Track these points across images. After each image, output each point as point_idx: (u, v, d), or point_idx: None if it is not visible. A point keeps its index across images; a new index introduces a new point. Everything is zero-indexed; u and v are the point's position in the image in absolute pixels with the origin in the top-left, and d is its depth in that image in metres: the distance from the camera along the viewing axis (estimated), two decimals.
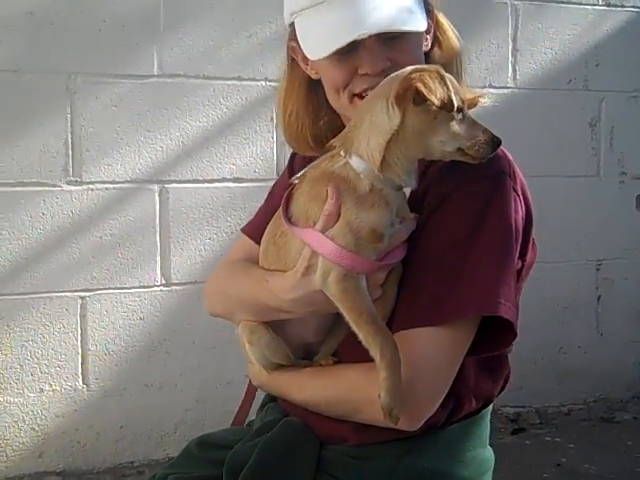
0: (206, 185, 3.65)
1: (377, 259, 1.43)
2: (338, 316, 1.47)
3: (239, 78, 3.68)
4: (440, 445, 1.56)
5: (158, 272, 3.61)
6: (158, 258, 3.61)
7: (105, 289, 3.54)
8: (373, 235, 1.41)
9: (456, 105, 1.40)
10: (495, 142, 1.42)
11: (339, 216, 1.42)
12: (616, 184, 4.48)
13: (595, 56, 4.36)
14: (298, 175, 1.55)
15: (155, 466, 3.58)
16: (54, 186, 3.44)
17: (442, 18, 1.68)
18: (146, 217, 3.58)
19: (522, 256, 1.56)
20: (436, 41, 1.66)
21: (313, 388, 1.58)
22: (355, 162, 1.44)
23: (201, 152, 3.64)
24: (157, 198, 3.60)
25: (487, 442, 1.67)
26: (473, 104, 1.66)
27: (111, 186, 3.52)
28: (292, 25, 1.64)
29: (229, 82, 3.67)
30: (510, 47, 4.21)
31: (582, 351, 4.45)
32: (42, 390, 3.49)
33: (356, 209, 1.42)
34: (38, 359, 3.47)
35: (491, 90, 4.17)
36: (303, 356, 1.63)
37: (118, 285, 3.56)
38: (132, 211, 3.56)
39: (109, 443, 3.59)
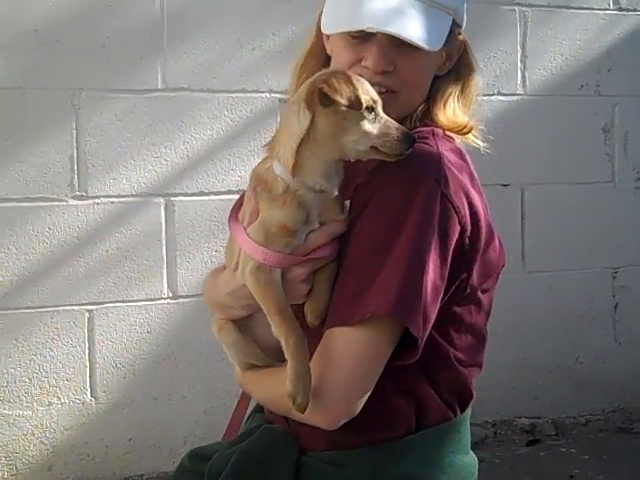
0: (212, 197, 3.67)
1: (294, 254, 1.49)
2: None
3: (243, 90, 3.69)
4: (416, 451, 1.55)
5: (165, 285, 3.63)
6: (164, 271, 3.62)
7: (112, 302, 3.57)
8: (283, 231, 1.48)
9: (364, 104, 1.43)
10: (409, 139, 1.44)
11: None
12: (631, 190, 4.42)
13: (607, 61, 4.30)
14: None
15: (164, 479, 3.59)
16: (60, 201, 3.48)
17: (469, 48, 1.68)
18: (152, 230, 3.60)
19: (467, 265, 1.52)
20: (455, 69, 1.66)
21: (265, 386, 1.61)
22: (276, 166, 1.51)
23: (206, 165, 3.66)
24: (163, 211, 3.62)
25: (468, 448, 1.66)
26: (467, 130, 1.66)
27: (117, 200, 3.55)
28: None
29: (233, 95, 3.68)
30: (519, 54, 4.18)
31: (599, 360, 4.39)
32: (51, 403, 3.52)
33: (268, 207, 1.50)
34: (46, 372, 3.50)
35: (500, 97, 4.15)
36: (283, 359, 1.63)
37: (125, 298, 3.58)
38: (138, 224, 3.58)
39: (118, 456, 3.61)
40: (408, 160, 1.48)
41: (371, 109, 1.45)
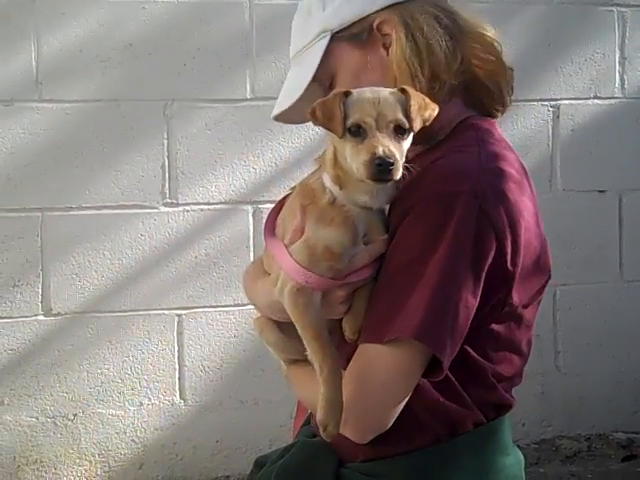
0: None
1: (336, 277, 1.45)
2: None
3: None
4: (450, 457, 1.54)
5: None
6: None
7: (201, 307, 3.66)
8: (328, 253, 1.44)
9: (345, 128, 1.40)
10: (373, 164, 1.37)
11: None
12: None
13: None
14: (293, 185, 1.62)
15: None
16: (152, 208, 3.60)
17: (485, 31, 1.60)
18: (240, 237, 3.68)
19: (505, 283, 1.47)
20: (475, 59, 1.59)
21: (304, 386, 1.60)
22: (325, 178, 1.49)
23: (293, 173, 3.69)
24: (251, 218, 3.69)
25: (509, 449, 1.62)
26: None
27: (206, 207, 3.64)
28: None
29: None
30: (617, 56, 4.04)
31: None
32: (142, 404, 3.64)
33: (315, 226, 1.46)
34: (138, 374, 3.63)
35: (597, 101, 4.03)
36: None
37: (213, 303, 3.67)
38: (226, 231, 3.66)
39: (206, 457, 3.70)
40: (445, 173, 1.46)
41: (356, 131, 1.40)
